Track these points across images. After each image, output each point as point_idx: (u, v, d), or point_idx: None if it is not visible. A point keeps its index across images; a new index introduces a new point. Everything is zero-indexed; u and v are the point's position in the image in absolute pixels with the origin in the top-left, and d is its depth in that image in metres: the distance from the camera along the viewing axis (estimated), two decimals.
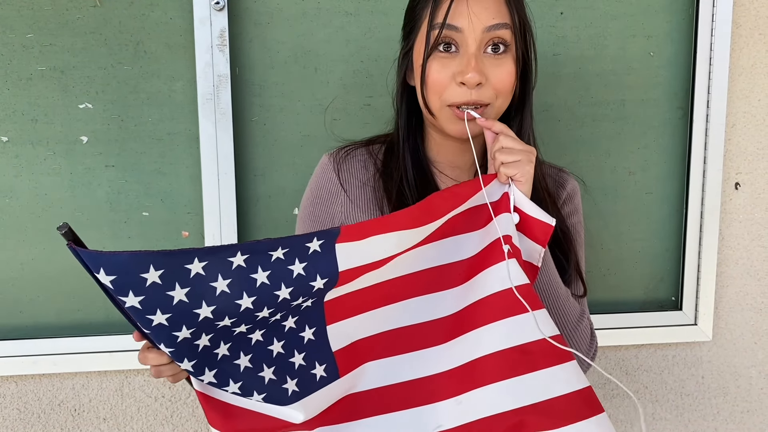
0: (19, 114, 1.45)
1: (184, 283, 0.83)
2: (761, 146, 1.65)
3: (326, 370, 0.99)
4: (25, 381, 1.56)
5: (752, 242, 1.69)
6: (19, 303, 1.52)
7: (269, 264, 0.88)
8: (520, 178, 1.00)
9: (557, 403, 0.97)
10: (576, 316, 1.14)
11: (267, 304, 0.89)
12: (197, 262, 0.84)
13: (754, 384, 1.76)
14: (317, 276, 0.91)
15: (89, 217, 1.50)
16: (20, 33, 1.43)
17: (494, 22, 1.02)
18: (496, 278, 0.99)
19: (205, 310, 0.85)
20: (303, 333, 0.97)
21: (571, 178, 1.24)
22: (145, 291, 0.81)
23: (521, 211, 1.01)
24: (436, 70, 1.03)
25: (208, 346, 0.89)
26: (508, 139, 1.02)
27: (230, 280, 0.86)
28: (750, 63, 1.61)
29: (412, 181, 1.12)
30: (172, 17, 1.45)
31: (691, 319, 1.67)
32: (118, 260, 0.80)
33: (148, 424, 1.60)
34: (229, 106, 1.45)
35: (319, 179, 1.18)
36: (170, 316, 0.84)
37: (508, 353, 0.97)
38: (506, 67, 1.04)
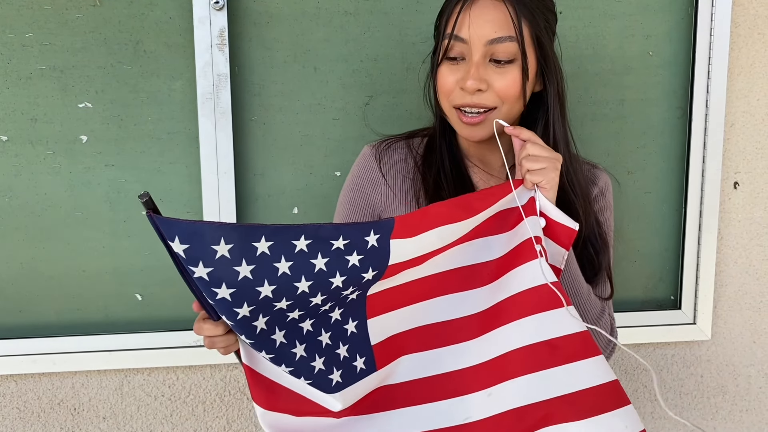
0: (19, 113, 1.45)
1: (251, 260, 0.87)
2: (760, 146, 1.65)
3: (365, 362, 1.03)
4: (25, 380, 1.56)
5: (751, 241, 1.69)
6: (19, 302, 1.52)
7: (329, 252, 0.92)
8: (545, 185, 1.05)
9: (584, 396, 1.00)
10: (596, 313, 1.17)
11: (321, 290, 0.93)
12: (264, 240, 0.87)
13: (753, 383, 1.76)
14: (369, 268, 0.96)
15: (89, 217, 1.50)
16: (20, 32, 1.43)
17: (496, 36, 1.06)
18: (527, 276, 1.03)
19: (266, 289, 0.89)
20: (347, 325, 1.01)
21: (603, 174, 1.27)
22: (214, 263, 0.84)
23: (546, 216, 1.06)
24: (444, 75, 1.11)
25: (264, 329, 0.93)
26: (535, 146, 1.06)
27: (292, 263, 0.90)
28: (749, 62, 1.61)
29: (448, 173, 1.18)
30: (171, 17, 1.45)
31: (690, 318, 1.67)
32: (194, 229, 0.83)
33: (148, 423, 1.60)
34: (228, 105, 1.45)
35: (360, 168, 1.23)
36: (234, 291, 0.87)
37: (537, 347, 1.01)
38: (510, 76, 1.08)
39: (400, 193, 1.20)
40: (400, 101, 1.52)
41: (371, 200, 1.21)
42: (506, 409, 1.01)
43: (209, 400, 1.61)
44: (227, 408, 1.62)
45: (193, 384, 1.60)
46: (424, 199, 1.17)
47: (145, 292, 1.54)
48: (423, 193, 1.18)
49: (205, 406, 1.62)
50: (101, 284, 1.53)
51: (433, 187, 1.17)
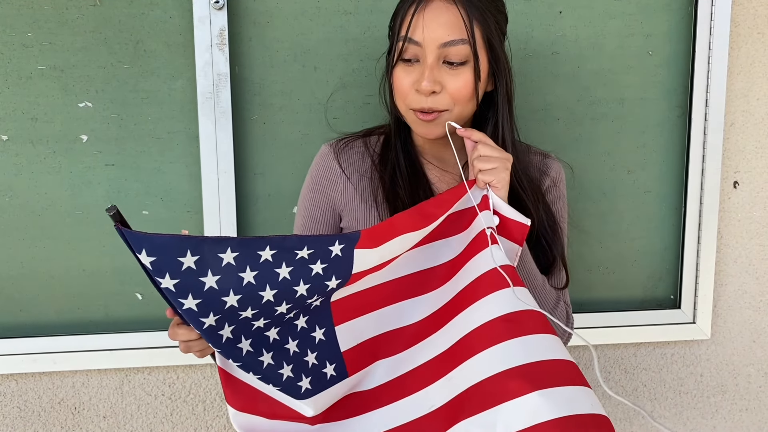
0: (19, 113, 1.46)
1: (216, 270, 0.89)
2: (760, 145, 1.65)
3: (336, 369, 1.05)
4: (25, 379, 1.56)
5: (751, 241, 1.69)
6: (19, 301, 1.53)
7: (293, 261, 0.94)
8: (497, 184, 1.09)
9: (543, 366, 0.98)
10: (552, 303, 1.22)
11: (286, 299, 0.95)
12: (230, 252, 0.90)
13: (753, 382, 1.76)
14: (333, 276, 0.98)
15: (89, 216, 1.50)
16: (20, 32, 1.43)
17: (449, 39, 1.08)
18: (481, 264, 1.06)
19: (231, 299, 0.91)
20: (314, 333, 1.03)
21: (555, 163, 1.28)
22: (180, 275, 0.87)
23: (499, 214, 1.09)
24: (399, 77, 1.13)
25: (230, 338, 0.95)
26: (486, 147, 1.09)
27: (257, 272, 0.92)
28: (748, 62, 1.61)
29: (404, 171, 1.20)
30: (171, 16, 1.45)
31: (689, 318, 1.68)
32: (160, 242, 0.86)
33: (148, 422, 1.61)
34: (228, 104, 1.46)
35: (319, 167, 1.25)
36: (200, 302, 0.89)
37: (492, 323, 1.02)
38: (462, 77, 1.10)
39: (357, 193, 1.22)
40: None
41: (331, 198, 1.23)
42: (465, 388, 1.00)
43: (209, 399, 1.62)
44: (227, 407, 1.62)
45: (193, 383, 1.61)
46: (382, 196, 1.20)
47: (145, 291, 1.54)
48: (380, 191, 1.20)
49: (205, 405, 1.62)
50: (101, 283, 1.53)
51: (390, 184, 1.20)
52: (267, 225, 1.54)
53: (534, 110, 1.56)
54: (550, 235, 1.22)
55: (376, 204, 1.21)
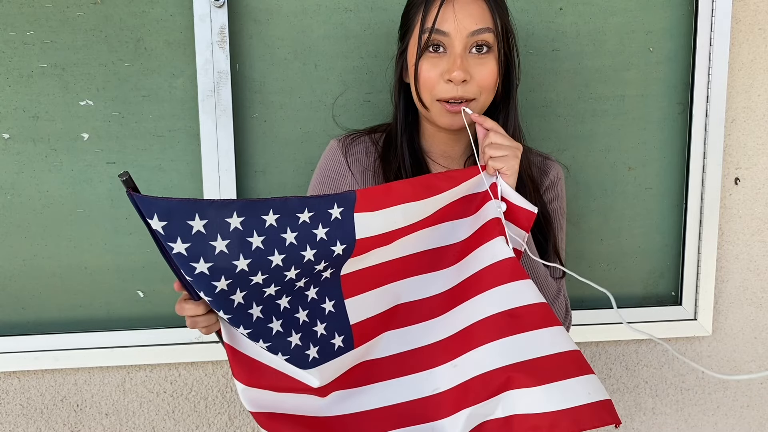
0: (20, 111, 1.46)
1: (225, 235, 0.91)
2: (761, 141, 1.65)
3: (344, 341, 1.07)
4: (28, 377, 1.57)
5: (752, 237, 1.69)
6: (21, 299, 1.53)
7: (296, 226, 0.97)
8: (506, 171, 1.12)
9: (545, 362, 1.03)
10: (553, 293, 1.26)
11: (294, 264, 0.97)
12: (236, 216, 0.92)
13: (754, 379, 1.76)
14: (337, 241, 1.00)
15: (90, 214, 1.51)
16: (21, 30, 1.43)
17: (477, 27, 1.13)
18: (490, 252, 1.09)
19: (242, 263, 0.93)
20: (324, 304, 1.06)
21: (555, 165, 1.33)
22: (191, 238, 0.89)
23: (507, 201, 1.12)
24: (426, 69, 1.15)
25: (242, 304, 0.96)
26: (498, 135, 1.13)
27: (264, 237, 0.94)
28: (749, 58, 1.61)
29: (408, 169, 1.23)
30: (172, 14, 1.45)
31: (690, 314, 1.68)
32: (170, 206, 0.87)
33: (150, 420, 1.61)
34: (229, 102, 1.46)
35: (328, 161, 1.28)
36: (212, 265, 0.91)
37: (498, 317, 1.06)
38: (489, 65, 1.15)
39: (363, 186, 1.24)
40: None
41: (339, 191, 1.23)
42: (470, 377, 1.06)
43: (211, 397, 1.62)
44: (229, 404, 1.63)
45: (195, 380, 1.61)
46: None
47: (147, 289, 1.55)
48: None
49: (207, 402, 1.62)
50: (103, 281, 1.54)
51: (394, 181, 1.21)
52: None
53: (535, 107, 1.56)
54: (545, 230, 1.27)
55: None
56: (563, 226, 1.33)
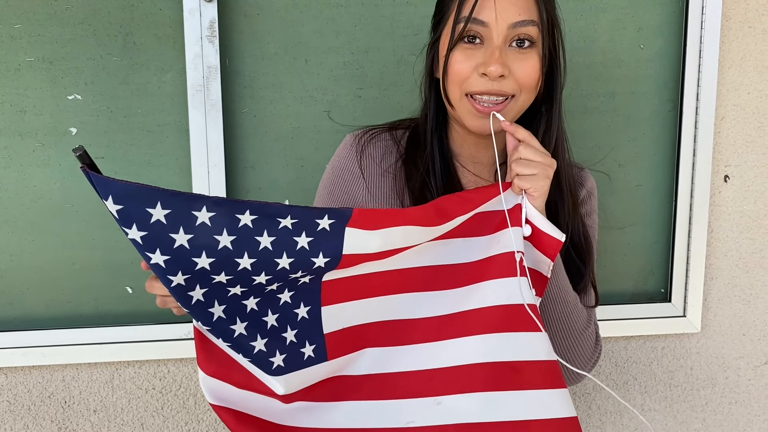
0: (8, 105, 1.45)
1: (189, 228, 0.84)
2: (750, 139, 1.65)
3: (315, 351, 0.98)
4: (15, 373, 1.56)
5: (741, 234, 1.69)
6: (9, 295, 1.52)
7: (275, 230, 0.88)
8: (533, 192, 1.00)
9: (539, 426, 0.96)
10: (583, 322, 1.13)
11: (265, 270, 0.89)
12: (205, 210, 0.84)
13: (742, 375, 1.77)
14: (320, 253, 0.91)
15: (78, 209, 1.49)
16: (8, 23, 1.42)
17: (520, 19, 1.01)
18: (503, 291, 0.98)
19: (203, 261, 0.85)
20: (297, 310, 0.97)
21: (590, 176, 1.23)
22: (148, 227, 0.82)
23: (532, 224, 1.01)
24: (459, 60, 1.03)
25: (201, 301, 0.89)
26: (529, 149, 1.00)
27: (234, 237, 0.86)
28: (739, 56, 1.61)
29: (439, 173, 1.11)
30: (161, 8, 1.44)
31: (680, 311, 1.68)
32: (129, 190, 0.80)
33: (139, 416, 1.60)
34: (219, 97, 1.45)
35: (341, 159, 1.16)
36: (168, 259, 0.84)
37: (499, 366, 0.96)
38: (531, 61, 1.03)
39: (380, 192, 1.14)
40: (392, 93, 1.51)
41: (352, 193, 1.15)
42: (453, 422, 0.97)
43: (200, 393, 1.61)
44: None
45: (184, 376, 1.60)
46: (409, 198, 1.11)
47: (135, 285, 1.54)
48: (407, 193, 1.12)
49: (196, 399, 1.62)
50: (91, 277, 1.53)
51: (420, 186, 1.11)
52: None
53: None
54: (584, 250, 1.14)
55: (402, 205, 1.11)
56: (597, 247, 1.21)
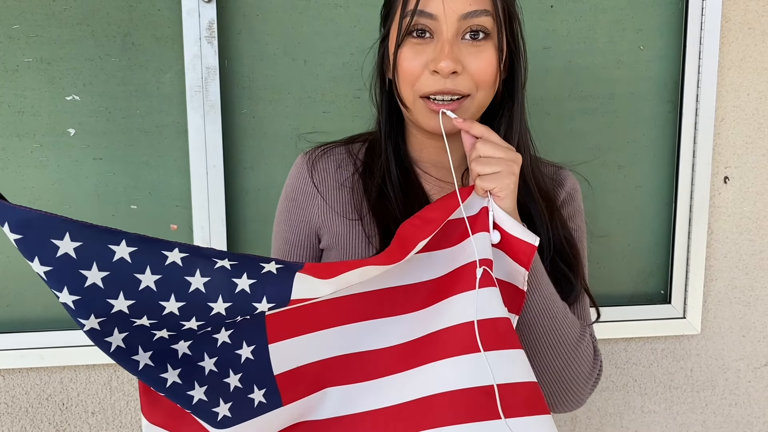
0: (5, 106, 1.44)
1: (104, 265, 0.71)
2: (750, 140, 1.65)
3: (266, 395, 0.85)
4: (13, 375, 1.55)
5: (741, 236, 1.69)
6: (6, 296, 1.51)
7: (210, 270, 0.76)
8: (499, 192, 0.90)
9: None
10: (576, 334, 1.00)
11: (196, 315, 0.77)
12: (124, 245, 0.72)
13: (742, 377, 1.77)
14: (264, 298, 0.78)
15: (77, 210, 1.49)
16: (6, 24, 1.41)
17: (471, 9, 0.92)
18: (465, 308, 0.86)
19: (120, 303, 0.73)
20: (239, 351, 0.84)
21: (570, 176, 1.13)
22: (53, 262, 0.70)
23: (502, 229, 0.90)
24: (408, 57, 0.94)
25: (122, 348, 0.76)
26: (487, 146, 0.91)
27: (159, 277, 0.74)
28: (739, 57, 1.61)
29: (395, 180, 1.02)
30: (160, 9, 1.44)
31: (680, 313, 1.68)
32: (29, 218, 0.69)
33: (137, 418, 1.60)
34: (217, 98, 1.45)
35: (293, 181, 1.08)
36: (78, 299, 0.72)
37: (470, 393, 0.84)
38: (486, 55, 0.94)
39: (337, 206, 1.05)
40: None
41: (307, 217, 1.06)
42: None
43: None
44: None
45: None
46: (368, 210, 1.02)
47: None
48: (365, 204, 1.03)
49: None
50: None
51: (377, 196, 1.03)
52: (256, 219, 1.53)
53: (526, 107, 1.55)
54: (569, 255, 1.03)
55: (360, 218, 1.03)
56: (585, 250, 1.10)
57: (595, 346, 1.05)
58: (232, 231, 1.52)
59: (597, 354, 1.04)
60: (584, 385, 1.02)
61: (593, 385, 1.04)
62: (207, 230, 1.49)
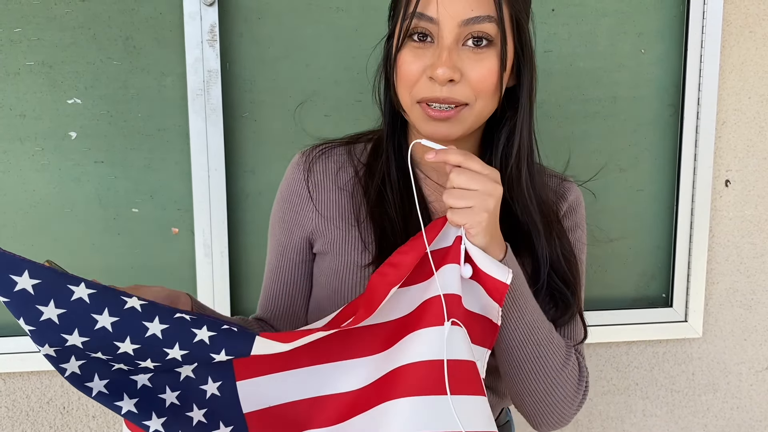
0: (7, 109, 1.44)
1: (61, 303, 0.72)
2: (751, 143, 1.65)
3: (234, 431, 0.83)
4: (14, 378, 1.55)
5: (742, 239, 1.69)
6: None
7: (169, 319, 0.76)
8: (470, 229, 0.85)
9: None
10: (561, 358, 0.97)
11: (151, 357, 0.77)
12: (83, 287, 0.73)
13: (744, 380, 1.76)
14: (222, 350, 0.77)
15: (78, 214, 1.49)
16: (8, 27, 1.41)
17: (473, 15, 0.88)
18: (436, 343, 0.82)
19: (74, 338, 0.73)
20: (205, 386, 0.82)
21: (574, 188, 1.09)
22: (11, 295, 0.71)
23: (474, 264, 0.86)
24: (407, 61, 0.91)
25: (77, 374, 0.76)
26: (463, 176, 0.84)
27: (117, 319, 0.74)
28: (740, 60, 1.61)
29: (395, 183, 0.99)
30: (161, 12, 1.44)
31: (681, 316, 1.68)
32: None
33: None
34: (219, 101, 1.45)
35: (288, 181, 1.05)
36: (33, 329, 0.72)
37: None
38: (487, 63, 0.90)
39: (332, 212, 1.02)
40: None
41: (302, 217, 1.03)
42: None
43: None
44: None
45: None
46: (366, 215, 1.00)
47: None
48: (364, 208, 1.00)
49: None
50: None
51: (376, 200, 1.00)
52: (257, 223, 1.53)
53: None
54: (567, 272, 1.00)
55: (358, 223, 1.00)
56: (584, 268, 1.07)
57: (581, 365, 1.01)
58: (233, 234, 1.52)
59: (582, 374, 1.01)
60: (569, 406, 1.00)
61: (579, 406, 1.01)
62: (208, 233, 1.49)
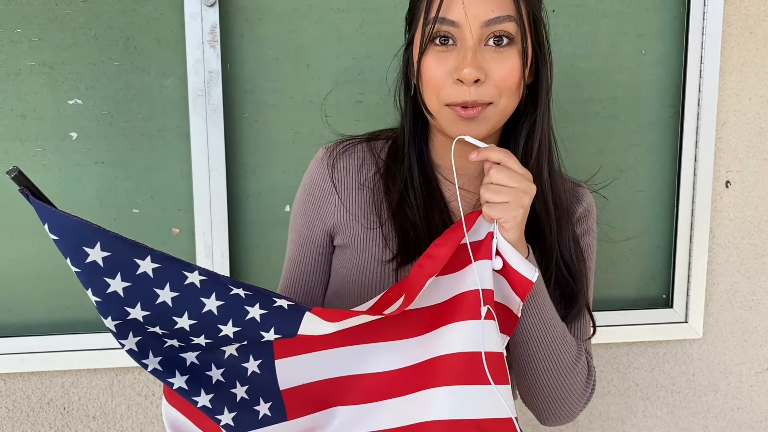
0: (8, 110, 1.44)
1: (127, 276, 0.77)
2: (752, 144, 1.65)
3: (272, 409, 0.88)
4: (14, 379, 1.55)
5: (742, 240, 1.69)
6: (8, 300, 1.51)
7: (225, 296, 0.80)
8: (504, 223, 0.90)
9: None
10: (572, 358, 1.01)
11: (205, 334, 0.82)
12: (149, 260, 0.77)
13: (744, 381, 1.76)
14: (272, 328, 0.82)
15: (78, 214, 1.47)
16: (8, 28, 1.42)
17: (494, 15, 0.91)
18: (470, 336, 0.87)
19: (137, 312, 0.78)
20: (246, 364, 0.87)
21: (588, 193, 1.14)
22: (82, 266, 0.76)
23: (504, 258, 0.91)
24: (431, 66, 0.94)
25: (135, 350, 0.81)
26: (502, 173, 0.90)
27: (177, 294, 0.78)
28: (740, 61, 1.61)
29: (418, 188, 1.02)
30: (162, 13, 1.44)
31: (681, 317, 1.68)
32: (65, 223, 0.75)
33: (138, 423, 1.59)
34: (220, 102, 1.45)
35: (312, 175, 1.08)
36: (100, 301, 0.78)
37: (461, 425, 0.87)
38: (509, 61, 0.93)
39: (356, 207, 1.05)
40: None
41: (324, 211, 1.06)
42: None
43: None
44: None
45: None
46: (388, 214, 1.03)
47: None
48: (386, 207, 1.03)
49: None
50: None
51: (398, 202, 1.03)
52: (258, 223, 1.53)
53: None
54: (576, 268, 1.04)
55: (380, 222, 1.03)
56: (593, 270, 1.11)
57: (589, 363, 1.06)
58: (234, 235, 1.52)
59: (591, 372, 1.06)
60: (577, 402, 1.04)
61: (586, 402, 1.06)
62: (209, 234, 1.49)
